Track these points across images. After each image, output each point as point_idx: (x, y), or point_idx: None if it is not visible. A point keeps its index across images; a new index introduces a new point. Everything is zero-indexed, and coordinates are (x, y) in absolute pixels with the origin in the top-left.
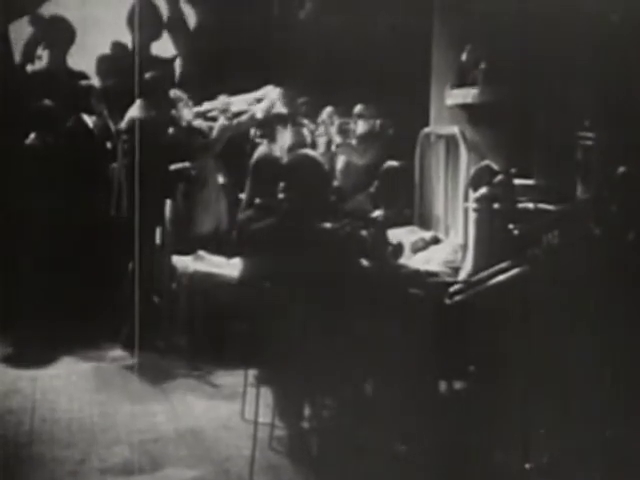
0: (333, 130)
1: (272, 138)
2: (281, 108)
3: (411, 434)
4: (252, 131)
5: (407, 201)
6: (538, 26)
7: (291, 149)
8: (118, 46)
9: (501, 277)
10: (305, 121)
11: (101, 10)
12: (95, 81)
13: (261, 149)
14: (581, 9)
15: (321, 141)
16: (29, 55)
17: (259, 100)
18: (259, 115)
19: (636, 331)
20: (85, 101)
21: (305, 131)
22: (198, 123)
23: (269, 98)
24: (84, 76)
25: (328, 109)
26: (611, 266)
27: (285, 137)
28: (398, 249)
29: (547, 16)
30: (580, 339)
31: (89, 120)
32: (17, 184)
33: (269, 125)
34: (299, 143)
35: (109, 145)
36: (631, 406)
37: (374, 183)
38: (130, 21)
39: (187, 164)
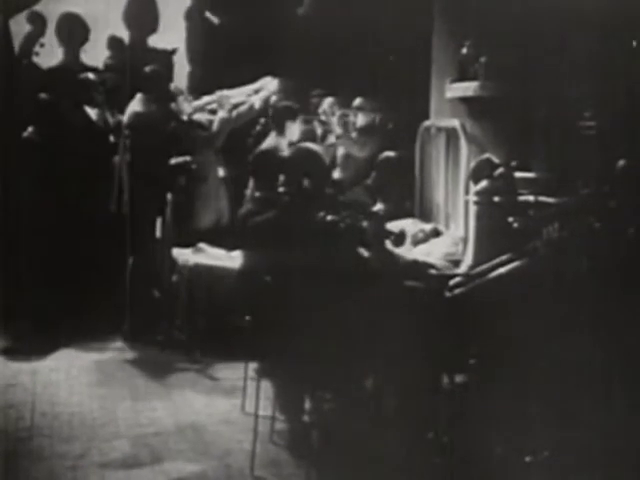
0: (334, 120)
1: (280, 131)
2: (285, 100)
3: (412, 427)
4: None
5: (405, 192)
6: (538, 19)
7: (298, 143)
8: (116, 41)
9: (501, 270)
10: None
11: (100, 5)
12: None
13: (267, 141)
14: (581, 1)
15: (321, 130)
16: (27, 51)
17: (257, 91)
18: (257, 105)
19: (636, 325)
20: (89, 94)
21: (315, 125)
22: (198, 116)
23: (267, 89)
24: (96, 71)
25: (330, 99)
26: (611, 259)
27: (293, 131)
28: (400, 237)
29: (547, 9)
30: (580, 332)
31: (92, 113)
32: (16, 177)
33: (279, 118)
34: (309, 137)
35: (111, 138)
36: (632, 398)
37: (371, 174)
38: (127, 15)
39: (188, 158)
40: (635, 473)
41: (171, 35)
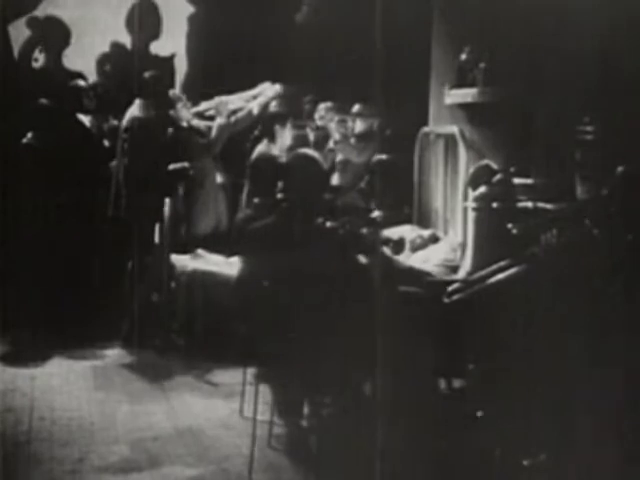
0: (332, 126)
1: (272, 137)
2: (279, 107)
3: (410, 432)
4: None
5: (398, 194)
6: (537, 25)
7: (291, 149)
8: (117, 46)
9: (499, 276)
10: (309, 121)
11: (99, 10)
12: (94, 80)
13: (260, 148)
14: (580, 7)
15: (319, 136)
16: (26, 57)
17: (256, 97)
18: (256, 111)
19: (635, 330)
20: (80, 100)
21: (308, 130)
22: (196, 123)
23: (265, 94)
24: (80, 76)
25: (326, 104)
26: (609, 265)
27: (285, 137)
28: (399, 244)
29: (546, 15)
30: (579, 338)
31: (85, 119)
32: (15, 183)
33: (269, 124)
34: (301, 143)
35: (106, 144)
36: (631, 403)
37: (365, 178)
38: (129, 21)
39: (186, 164)
40: (635, 475)
41: (169, 41)
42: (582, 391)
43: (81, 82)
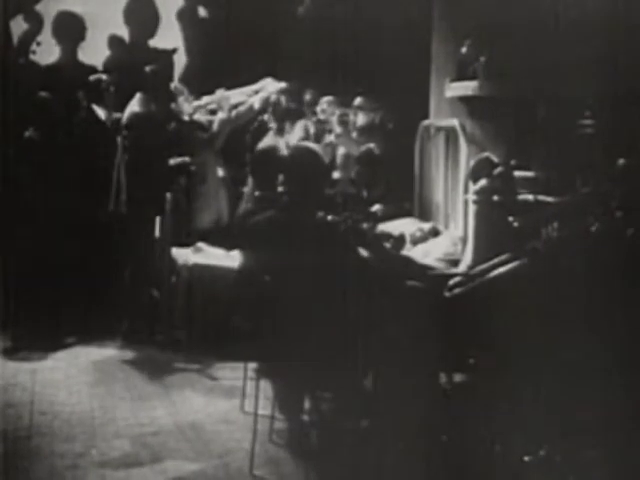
0: (334, 119)
1: (279, 130)
2: (283, 101)
3: (411, 426)
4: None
5: (388, 183)
6: (537, 18)
7: (296, 142)
8: (117, 40)
9: (500, 270)
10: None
11: (100, 6)
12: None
13: (264, 141)
14: (580, 1)
15: (314, 130)
16: (24, 49)
17: (257, 92)
18: (257, 106)
19: (635, 324)
20: (99, 94)
21: (309, 124)
22: (198, 117)
23: (267, 89)
24: (95, 70)
25: (328, 98)
26: (610, 259)
27: (293, 130)
28: (400, 241)
29: (546, 8)
30: (579, 332)
31: (101, 113)
32: (18, 177)
33: (279, 117)
34: (305, 136)
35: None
36: (631, 398)
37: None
38: (128, 14)
39: (187, 158)
40: (635, 473)
41: (172, 34)
42: (583, 386)
43: (103, 76)
